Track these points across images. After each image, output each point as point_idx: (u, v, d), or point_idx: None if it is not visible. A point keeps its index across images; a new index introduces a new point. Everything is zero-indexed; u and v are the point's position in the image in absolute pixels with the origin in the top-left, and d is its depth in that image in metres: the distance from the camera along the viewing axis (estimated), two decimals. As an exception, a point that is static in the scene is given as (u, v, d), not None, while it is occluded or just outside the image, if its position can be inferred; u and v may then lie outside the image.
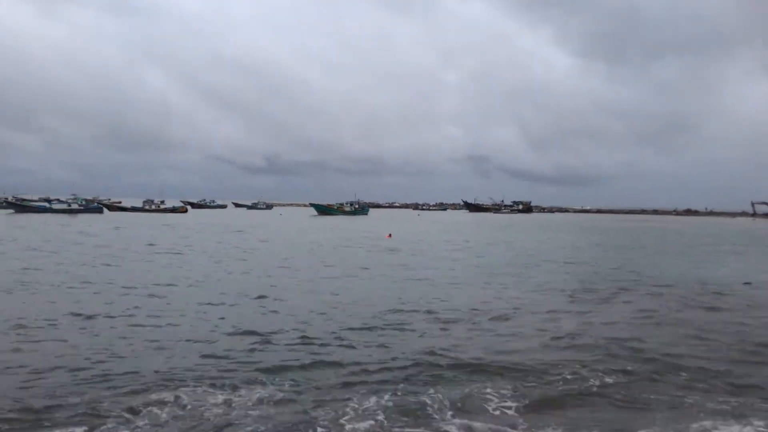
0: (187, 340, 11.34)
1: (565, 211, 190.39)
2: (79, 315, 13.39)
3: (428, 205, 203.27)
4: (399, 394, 8.47)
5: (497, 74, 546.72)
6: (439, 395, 8.40)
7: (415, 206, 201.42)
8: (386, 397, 8.31)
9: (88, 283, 18.20)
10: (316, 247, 34.45)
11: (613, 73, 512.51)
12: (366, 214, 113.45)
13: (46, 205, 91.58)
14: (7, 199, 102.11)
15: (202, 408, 7.86)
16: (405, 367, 9.73)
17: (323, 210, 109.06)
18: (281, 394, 8.41)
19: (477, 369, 9.74)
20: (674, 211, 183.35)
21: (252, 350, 10.76)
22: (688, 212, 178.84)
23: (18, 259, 24.78)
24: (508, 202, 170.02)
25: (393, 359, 10.22)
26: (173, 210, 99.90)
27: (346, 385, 8.87)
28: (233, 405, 7.99)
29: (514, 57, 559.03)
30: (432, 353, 10.54)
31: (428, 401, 8.18)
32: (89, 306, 14.44)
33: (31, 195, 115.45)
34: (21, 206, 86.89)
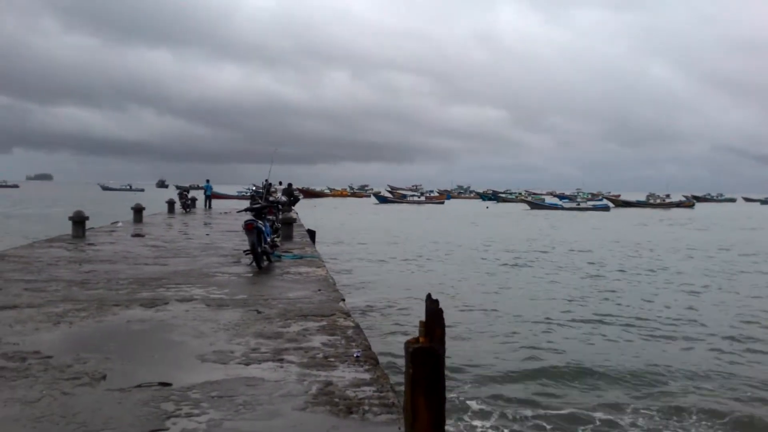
0: None
1: None
2: None
3: None
4: None
5: None
6: None
7: None
8: None
9: None
10: None
11: None
12: None
13: (558, 202, 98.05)
14: (520, 194, 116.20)
15: None
16: None
17: None
18: None
19: None
20: None
21: None
22: None
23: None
24: None
25: None
26: (678, 204, 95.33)
27: None
28: None
29: None
30: None
31: None
32: None
33: (541, 190, 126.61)
34: (534, 204, 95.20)
